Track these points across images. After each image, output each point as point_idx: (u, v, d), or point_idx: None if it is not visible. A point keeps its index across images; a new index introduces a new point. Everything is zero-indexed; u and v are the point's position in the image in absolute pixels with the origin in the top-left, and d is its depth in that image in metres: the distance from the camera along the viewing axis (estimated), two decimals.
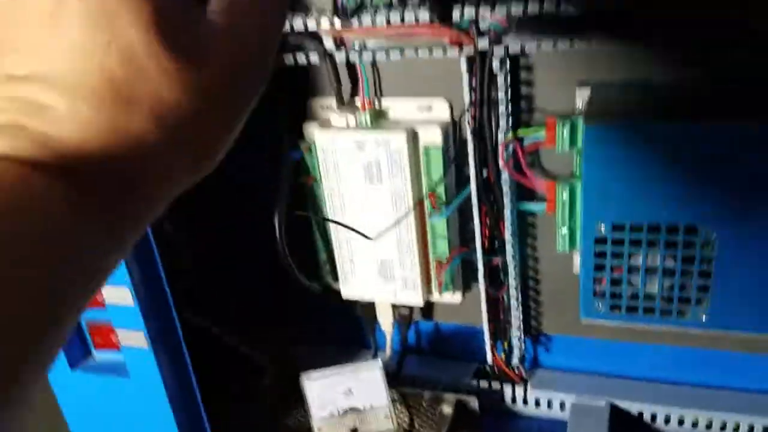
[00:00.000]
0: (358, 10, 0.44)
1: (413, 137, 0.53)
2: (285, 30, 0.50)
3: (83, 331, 0.49)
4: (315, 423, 0.56)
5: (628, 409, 0.58)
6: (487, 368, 0.62)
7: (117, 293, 0.44)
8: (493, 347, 0.61)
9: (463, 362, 0.65)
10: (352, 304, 0.63)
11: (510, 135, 0.50)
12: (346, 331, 0.67)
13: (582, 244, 0.47)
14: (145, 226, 0.22)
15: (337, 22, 0.49)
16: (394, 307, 0.63)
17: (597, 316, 0.49)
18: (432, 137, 0.53)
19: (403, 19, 0.47)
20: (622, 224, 0.45)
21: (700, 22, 0.42)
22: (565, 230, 0.51)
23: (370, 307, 0.64)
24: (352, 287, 0.61)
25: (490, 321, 0.59)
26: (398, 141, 0.52)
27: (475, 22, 0.46)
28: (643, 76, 0.46)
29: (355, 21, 0.47)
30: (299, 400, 0.56)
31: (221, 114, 0.22)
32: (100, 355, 0.50)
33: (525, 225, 0.56)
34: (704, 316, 0.45)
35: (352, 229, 0.55)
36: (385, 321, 0.63)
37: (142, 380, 0.47)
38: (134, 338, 0.45)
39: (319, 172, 0.57)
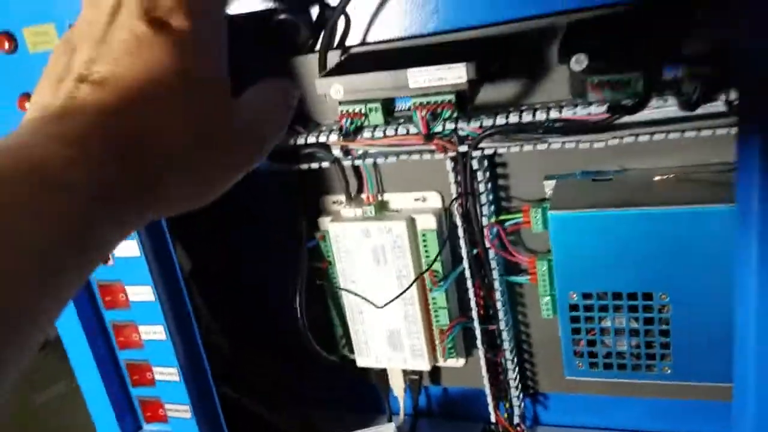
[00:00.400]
0: (357, 131, 0.54)
1: (412, 224, 0.62)
2: (302, 142, 0.60)
3: (135, 406, 0.57)
4: None
5: None
6: (492, 427, 0.69)
7: (166, 372, 0.52)
8: (496, 407, 0.67)
9: (470, 423, 0.71)
10: (367, 373, 0.71)
11: (492, 219, 0.59)
12: (362, 398, 0.74)
13: (559, 312, 0.54)
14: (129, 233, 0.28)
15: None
16: (405, 373, 0.70)
17: (579, 373, 0.56)
18: (427, 223, 0.62)
19: (396, 132, 0.57)
20: (590, 293, 0.53)
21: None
22: (547, 299, 0.59)
23: (382, 375, 0.71)
24: (366, 357, 0.68)
25: (491, 383, 0.66)
26: (399, 228, 0.62)
27: (455, 131, 0.56)
28: (597, 168, 0.55)
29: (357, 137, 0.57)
30: None
31: (225, 174, 0.31)
32: (149, 428, 0.57)
33: (514, 294, 0.64)
34: (668, 370, 0.53)
35: (361, 297, 0.63)
36: (397, 387, 0.71)
37: None
38: (180, 411, 0.53)
39: (333, 257, 0.66)
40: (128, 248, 0.49)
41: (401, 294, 0.62)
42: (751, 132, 0.34)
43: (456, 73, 0.48)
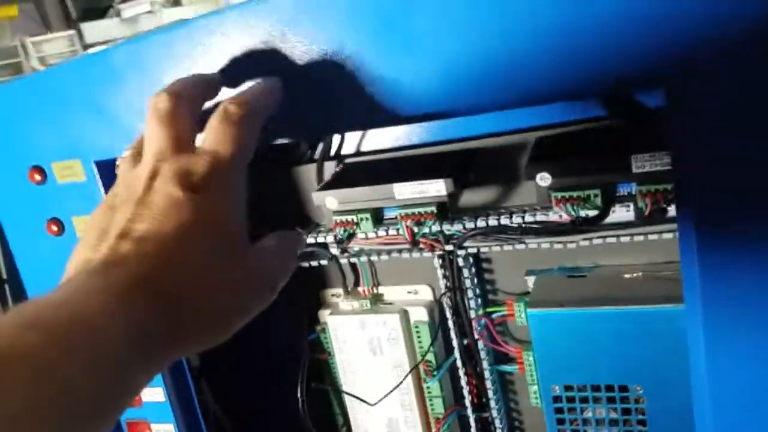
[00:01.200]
0: (350, 237, 0.60)
1: (405, 316, 0.67)
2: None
3: None
4: None
5: None
6: None
7: None
8: None
9: None
10: None
11: (480, 312, 0.63)
12: None
13: (543, 402, 0.58)
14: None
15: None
16: None
17: None
18: (420, 315, 0.66)
19: (387, 233, 0.62)
20: (571, 385, 0.56)
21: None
22: (535, 387, 0.62)
23: None
24: None
25: None
26: (393, 320, 0.66)
27: (441, 232, 0.61)
28: (573, 264, 0.60)
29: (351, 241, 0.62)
30: None
31: (242, 316, 0.35)
32: None
33: (505, 382, 0.67)
34: None
35: (356, 397, 0.67)
36: None
37: None
38: None
39: (332, 348, 0.70)
40: (154, 394, 0.53)
41: (394, 389, 0.65)
42: (688, 240, 0.39)
43: (436, 187, 0.54)
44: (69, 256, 0.53)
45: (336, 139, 0.66)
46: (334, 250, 0.67)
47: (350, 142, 0.66)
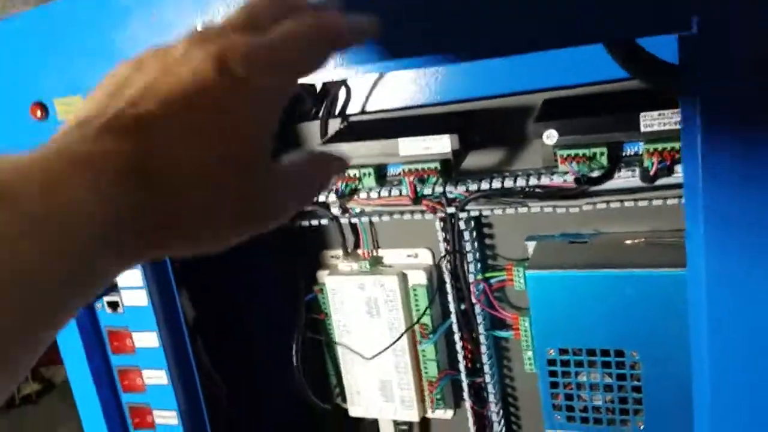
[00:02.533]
0: (352, 193, 0.59)
1: (403, 279, 0.66)
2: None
3: None
4: None
5: None
6: None
7: (166, 415, 0.56)
8: None
9: None
10: (359, 423, 0.73)
11: (479, 276, 0.63)
12: None
13: (538, 366, 0.58)
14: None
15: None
16: (395, 424, 0.72)
17: (558, 426, 0.59)
18: (418, 279, 0.66)
19: (390, 194, 0.61)
20: (567, 348, 0.56)
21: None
22: (530, 353, 0.62)
23: (374, 425, 0.74)
24: (358, 406, 0.71)
25: None
26: (391, 282, 0.66)
27: (444, 194, 0.60)
28: (575, 230, 0.59)
29: (353, 198, 0.61)
30: None
31: (235, 234, 0.29)
32: None
33: (500, 348, 0.67)
34: (642, 425, 0.55)
35: (351, 349, 0.67)
36: None
37: None
38: None
39: (329, 309, 0.69)
40: (136, 297, 0.53)
41: (390, 345, 0.65)
42: (693, 201, 0.39)
43: (441, 144, 0.53)
44: None
45: (341, 96, 0.65)
46: (335, 210, 0.67)
47: (355, 100, 0.65)
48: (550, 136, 0.50)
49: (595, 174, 0.50)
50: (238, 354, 0.74)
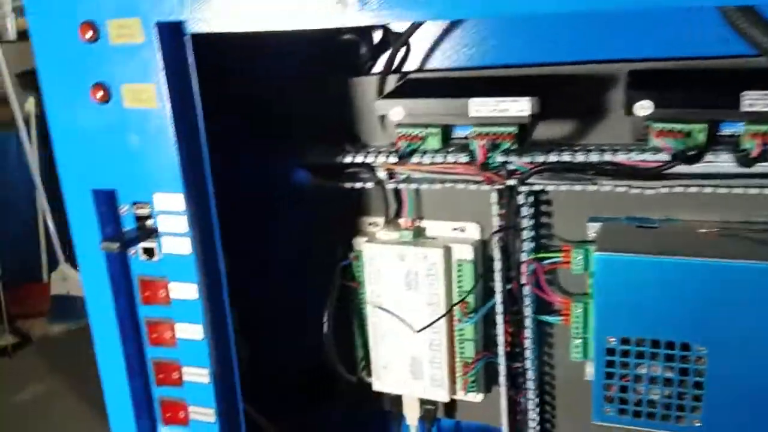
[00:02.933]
0: (412, 154, 0.55)
1: (448, 253, 0.63)
2: (348, 161, 0.61)
3: (154, 406, 0.56)
4: None
5: None
6: None
7: (197, 372, 0.52)
8: None
9: None
10: (381, 398, 0.70)
11: (531, 256, 0.60)
12: (373, 424, 0.73)
13: (595, 354, 0.55)
14: None
15: (392, 158, 0.60)
16: (421, 402, 0.69)
17: (607, 419, 0.56)
18: (464, 254, 0.63)
19: (445, 159, 0.57)
20: (629, 338, 0.53)
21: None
22: (578, 341, 0.59)
23: (397, 401, 0.70)
24: (383, 382, 0.68)
25: (509, 422, 0.66)
26: (436, 255, 0.62)
27: (504, 164, 0.57)
28: (642, 215, 0.56)
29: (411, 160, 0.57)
30: None
31: None
32: (166, 430, 0.56)
33: (542, 334, 0.64)
34: (698, 423, 0.52)
35: (399, 318, 0.63)
36: (411, 415, 0.70)
37: None
38: (205, 414, 0.53)
39: (364, 278, 0.66)
40: (180, 245, 0.49)
41: (438, 319, 0.62)
42: None
43: (519, 107, 0.50)
44: (112, 128, 0.48)
45: (400, 51, 0.61)
46: (381, 174, 0.63)
47: (415, 56, 0.61)
48: (645, 107, 0.46)
49: (689, 152, 0.47)
50: (264, 315, 0.69)
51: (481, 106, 0.51)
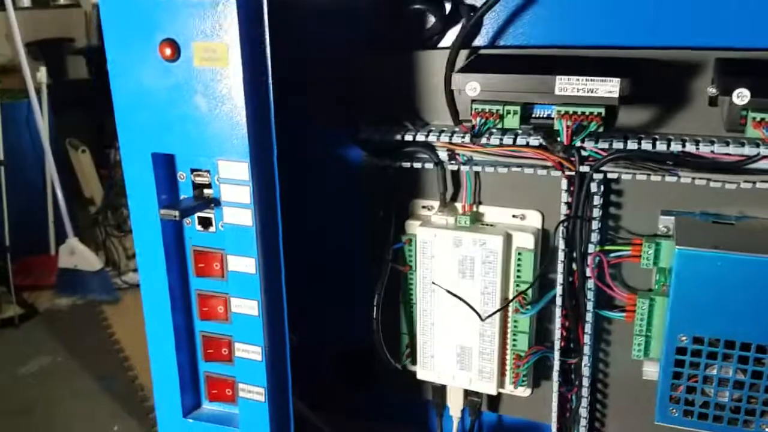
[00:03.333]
0: (485, 132, 0.53)
1: (508, 240, 0.60)
2: (409, 139, 0.58)
3: (200, 381, 0.54)
4: None
5: None
6: None
7: (249, 350, 0.50)
8: None
9: None
10: (423, 387, 0.68)
11: (598, 248, 0.57)
12: (413, 414, 0.71)
13: (664, 352, 0.52)
14: None
15: (455, 138, 0.57)
16: (466, 393, 0.67)
17: (670, 420, 0.54)
18: (525, 242, 0.60)
19: (515, 142, 0.55)
20: (702, 337, 0.51)
21: None
22: (641, 339, 0.57)
23: (440, 392, 0.68)
24: (428, 371, 0.65)
25: (558, 419, 0.63)
26: (495, 243, 0.59)
27: (578, 150, 0.54)
28: (716, 211, 0.54)
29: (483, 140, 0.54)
30: None
31: None
32: (210, 406, 0.54)
33: (600, 330, 0.62)
34: (767, 428, 0.50)
35: (467, 303, 0.60)
36: (455, 407, 0.68)
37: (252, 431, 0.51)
38: (254, 393, 0.50)
39: (416, 262, 0.63)
40: (241, 217, 0.46)
41: (503, 308, 0.59)
42: None
43: (608, 87, 0.47)
44: (179, 88, 0.46)
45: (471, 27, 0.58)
46: (442, 154, 0.60)
47: (486, 31, 0.58)
48: (741, 96, 0.44)
49: None
50: (313, 297, 0.67)
51: (567, 84, 0.48)
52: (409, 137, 0.59)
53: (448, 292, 0.61)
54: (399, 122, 0.60)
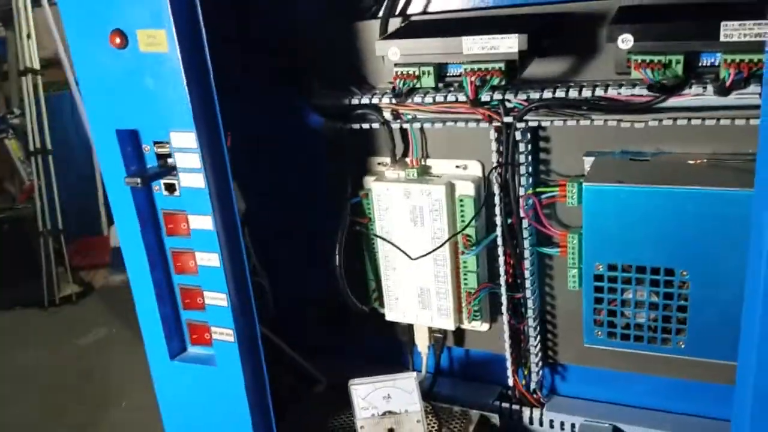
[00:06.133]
0: (409, 93, 0.58)
1: (451, 189, 0.66)
2: (356, 102, 0.64)
3: (183, 328, 0.62)
4: (358, 422, 0.67)
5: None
6: (509, 392, 0.72)
7: (216, 297, 0.58)
8: (515, 373, 0.71)
9: (488, 385, 0.75)
10: (394, 327, 0.75)
11: (530, 191, 0.62)
12: (387, 352, 0.78)
13: (584, 281, 0.57)
14: None
15: (395, 100, 0.63)
16: (430, 331, 0.74)
17: (597, 341, 0.59)
18: (466, 190, 0.66)
19: (446, 99, 0.60)
20: (615, 264, 0.56)
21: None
22: (574, 271, 0.62)
23: (408, 331, 0.75)
24: (395, 312, 0.73)
25: (512, 349, 0.70)
26: (438, 192, 0.65)
27: (502, 102, 0.59)
28: (636, 149, 0.58)
29: (408, 100, 0.60)
30: (346, 404, 0.68)
31: None
32: (194, 350, 0.63)
33: (543, 266, 0.67)
34: (683, 345, 0.55)
35: (397, 247, 0.67)
36: (422, 343, 0.75)
37: (227, 369, 0.59)
38: (224, 334, 0.59)
39: (373, 215, 0.70)
40: (194, 180, 0.54)
41: (436, 249, 0.65)
42: None
43: (508, 43, 0.52)
44: (130, 72, 0.53)
45: None
46: (387, 115, 0.66)
47: (417, 1, 0.63)
48: (625, 41, 0.48)
49: (668, 83, 0.48)
50: (283, 251, 0.75)
51: (473, 44, 0.53)
52: (356, 101, 0.65)
53: (383, 239, 0.68)
54: (348, 87, 0.66)
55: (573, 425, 0.69)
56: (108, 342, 2.18)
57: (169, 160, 0.57)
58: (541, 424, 0.71)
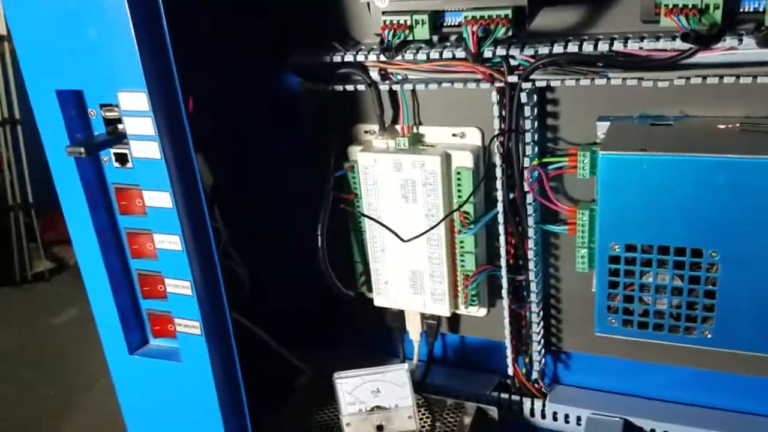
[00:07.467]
0: (401, 47, 0.50)
1: (447, 160, 0.59)
2: (338, 60, 0.56)
3: (144, 319, 0.55)
4: (344, 418, 0.60)
5: (641, 426, 0.61)
6: (508, 381, 0.66)
7: (179, 284, 0.50)
8: (515, 361, 0.64)
9: (486, 374, 0.68)
10: (383, 313, 0.68)
11: (535, 161, 0.55)
12: (376, 340, 0.72)
13: (597, 262, 0.51)
14: None
15: (383, 56, 0.55)
16: (423, 317, 0.67)
17: (610, 330, 0.53)
18: (464, 161, 0.58)
19: (441, 56, 0.52)
20: (634, 245, 0.49)
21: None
22: (584, 251, 0.55)
23: (399, 317, 0.68)
24: (384, 297, 0.66)
25: (512, 336, 0.63)
26: (433, 163, 0.58)
27: (506, 59, 0.51)
28: (657, 112, 0.51)
29: (398, 56, 0.52)
30: (332, 398, 0.61)
31: None
32: (156, 343, 0.56)
33: (547, 245, 0.61)
34: (709, 334, 0.49)
35: (387, 228, 0.60)
36: (414, 330, 0.68)
37: (194, 365, 0.52)
38: (190, 326, 0.51)
39: (360, 190, 0.62)
40: (148, 150, 0.46)
41: (430, 230, 0.58)
42: None
43: None
44: (68, 19, 0.44)
45: None
46: (375, 75, 0.58)
47: None
48: None
49: (704, 32, 0.41)
50: (259, 232, 0.67)
51: None
52: (338, 58, 0.57)
53: (370, 218, 0.60)
54: (328, 43, 0.58)
55: (579, 418, 0.63)
56: (83, 320, 2.10)
57: (120, 126, 0.49)
58: (543, 416, 0.65)
